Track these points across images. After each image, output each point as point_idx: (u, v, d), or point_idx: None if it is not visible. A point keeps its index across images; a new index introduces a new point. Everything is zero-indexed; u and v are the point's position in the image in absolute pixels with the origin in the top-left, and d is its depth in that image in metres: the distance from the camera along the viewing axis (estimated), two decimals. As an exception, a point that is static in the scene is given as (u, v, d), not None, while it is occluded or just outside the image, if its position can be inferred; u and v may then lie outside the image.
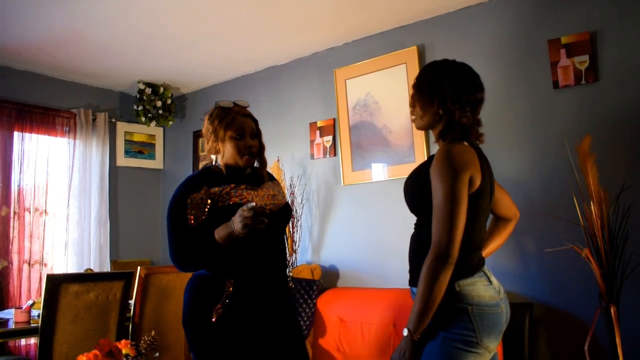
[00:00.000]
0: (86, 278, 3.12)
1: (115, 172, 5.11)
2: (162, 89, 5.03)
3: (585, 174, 2.61)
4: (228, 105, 2.11)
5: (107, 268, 4.75)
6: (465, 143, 1.73)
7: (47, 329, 2.87)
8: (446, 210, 1.61)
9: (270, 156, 2.58)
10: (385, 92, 3.79)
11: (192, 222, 1.95)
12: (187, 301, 2.02)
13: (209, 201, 1.97)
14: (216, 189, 2.00)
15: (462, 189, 1.62)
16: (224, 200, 1.98)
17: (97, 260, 4.72)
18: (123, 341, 2.61)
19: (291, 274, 3.81)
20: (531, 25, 3.17)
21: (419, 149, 3.56)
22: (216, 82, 5.03)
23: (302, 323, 3.54)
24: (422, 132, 3.43)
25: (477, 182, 1.69)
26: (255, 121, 2.16)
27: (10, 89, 4.44)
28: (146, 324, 3.24)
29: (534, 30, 3.15)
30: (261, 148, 2.16)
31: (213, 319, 1.91)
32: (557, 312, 2.94)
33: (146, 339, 2.56)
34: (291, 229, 3.99)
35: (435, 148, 1.89)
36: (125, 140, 5.20)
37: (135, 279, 3.23)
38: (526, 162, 3.13)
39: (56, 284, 2.90)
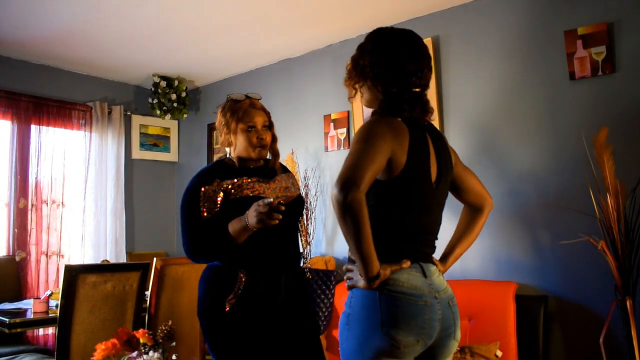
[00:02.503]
0: (103, 269, 3.16)
1: (130, 165, 5.15)
2: (176, 82, 5.06)
3: (601, 166, 2.59)
4: (240, 98, 2.13)
5: (122, 260, 4.81)
6: (399, 119, 1.56)
7: (65, 319, 2.91)
8: (353, 154, 1.43)
9: (284, 149, 2.58)
10: (399, 84, 3.76)
11: (205, 214, 1.97)
12: (201, 292, 2.05)
13: (221, 194, 1.99)
14: (228, 181, 2.01)
15: (375, 149, 1.43)
16: (236, 193, 2.00)
17: (113, 252, 4.78)
18: (141, 330, 2.64)
19: (309, 264, 3.81)
20: (547, 16, 3.13)
21: (433, 141, 3.54)
22: (230, 75, 5.04)
23: (320, 314, 3.55)
24: (437, 125, 3.41)
25: (402, 159, 1.50)
26: (268, 113, 2.17)
27: (27, 83, 4.50)
28: (162, 314, 3.27)
29: (550, 21, 3.11)
30: (273, 140, 2.17)
31: (226, 310, 1.94)
32: (572, 305, 2.93)
33: (163, 328, 2.59)
34: (305, 221, 4.00)
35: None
36: (140, 133, 5.24)
37: (151, 270, 3.27)
38: (542, 154, 3.11)
39: (74, 274, 2.93)
